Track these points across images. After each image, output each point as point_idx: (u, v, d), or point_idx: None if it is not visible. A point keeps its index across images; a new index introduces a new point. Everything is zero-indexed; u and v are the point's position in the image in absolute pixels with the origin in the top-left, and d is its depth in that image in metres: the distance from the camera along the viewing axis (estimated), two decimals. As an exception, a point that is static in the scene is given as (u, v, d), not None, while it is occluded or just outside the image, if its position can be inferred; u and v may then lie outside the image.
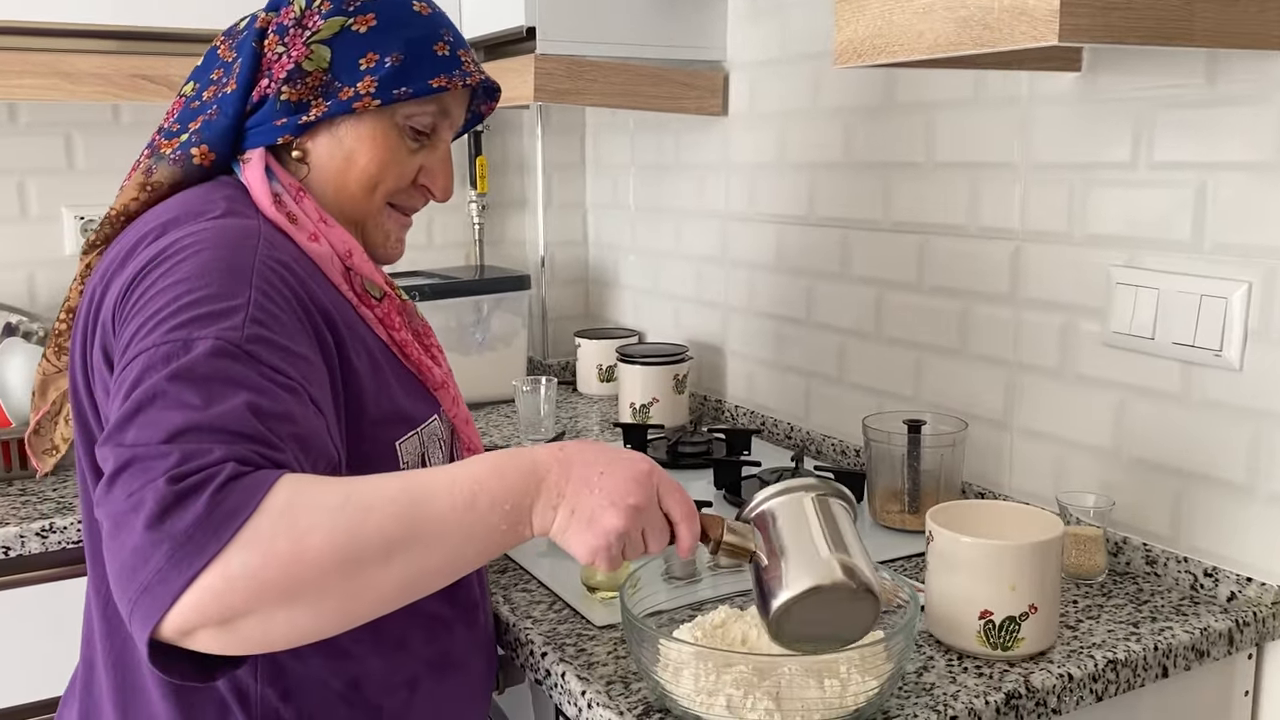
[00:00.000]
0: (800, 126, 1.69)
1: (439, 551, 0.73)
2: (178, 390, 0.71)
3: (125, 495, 0.67)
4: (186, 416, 0.70)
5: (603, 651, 1.04)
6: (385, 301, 0.96)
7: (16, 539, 1.38)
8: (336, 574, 0.69)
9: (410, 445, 0.94)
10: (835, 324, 1.65)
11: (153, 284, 0.80)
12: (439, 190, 1.03)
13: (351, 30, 0.93)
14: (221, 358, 0.74)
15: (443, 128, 1.01)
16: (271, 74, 0.93)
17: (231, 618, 0.66)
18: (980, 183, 1.39)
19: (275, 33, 0.94)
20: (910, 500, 1.33)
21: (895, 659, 0.89)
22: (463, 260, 2.28)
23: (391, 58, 0.94)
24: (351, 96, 0.93)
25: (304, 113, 0.93)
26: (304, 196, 0.94)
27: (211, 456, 0.68)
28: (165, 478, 0.67)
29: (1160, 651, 1.04)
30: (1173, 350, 1.17)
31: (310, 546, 0.67)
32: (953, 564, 1.01)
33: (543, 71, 1.67)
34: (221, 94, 0.94)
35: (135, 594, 0.66)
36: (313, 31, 0.93)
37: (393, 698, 0.94)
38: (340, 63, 0.93)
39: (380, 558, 0.70)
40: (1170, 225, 1.17)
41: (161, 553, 0.65)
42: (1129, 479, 1.24)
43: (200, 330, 0.75)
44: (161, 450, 0.68)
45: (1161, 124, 1.17)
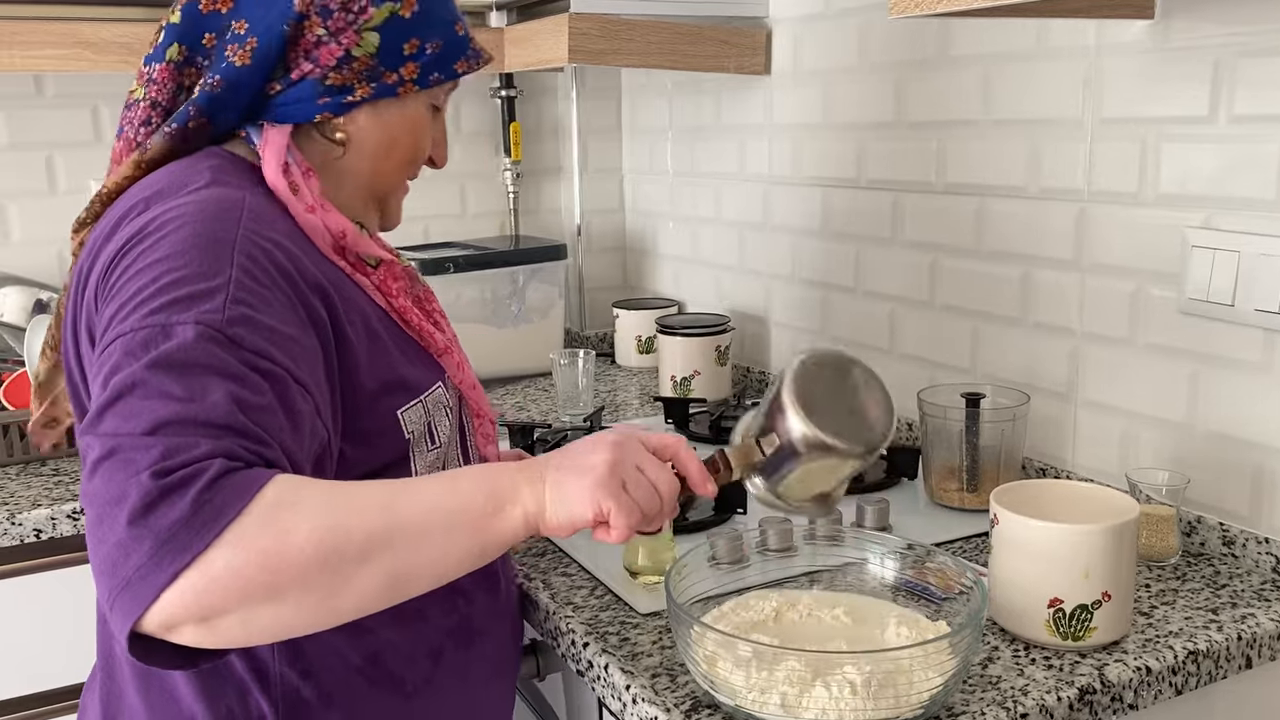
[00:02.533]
0: (847, 84, 1.61)
1: (424, 542, 0.72)
2: (159, 379, 0.70)
3: (108, 486, 0.66)
4: (170, 408, 0.69)
5: (647, 641, 0.99)
6: (382, 268, 0.95)
7: (48, 521, 1.36)
8: (316, 573, 0.68)
9: (414, 414, 0.92)
10: (885, 292, 1.58)
11: (133, 263, 0.79)
12: (441, 159, 1.05)
13: (399, 16, 0.93)
14: (202, 343, 0.72)
15: (445, 103, 1.04)
16: (317, 58, 0.91)
17: (213, 615, 0.66)
18: (1042, 141, 1.31)
19: (318, 14, 0.90)
20: (969, 478, 1.27)
21: (961, 654, 0.83)
22: (497, 230, 2.23)
23: (432, 45, 0.95)
24: (395, 82, 0.94)
25: (348, 93, 0.92)
26: (311, 176, 0.92)
27: (197, 451, 0.67)
28: (149, 472, 0.66)
29: (1244, 641, 0.97)
30: (1254, 318, 1.09)
31: (292, 545, 0.67)
32: (1020, 549, 0.95)
33: (577, 31, 1.60)
34: (228, 64, 0.90)
35: (117, 589, 0.65)
36: (364, 20, 0.92)
37: (415, 669, 0.93)
38: (386, 48, 0.93)
39: (360, 555, 0.69)
40: (1253, 183, 1.09)
41: (144, 549, 0.65)
42: (1204, 455, 1.16)
43: (180, 314, 0.73)
44: (144, 442, 0.67)
45: (1243, 73, 1.08)
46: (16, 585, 1.38)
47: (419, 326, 0.96)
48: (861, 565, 1.02)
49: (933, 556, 0.98)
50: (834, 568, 1.03)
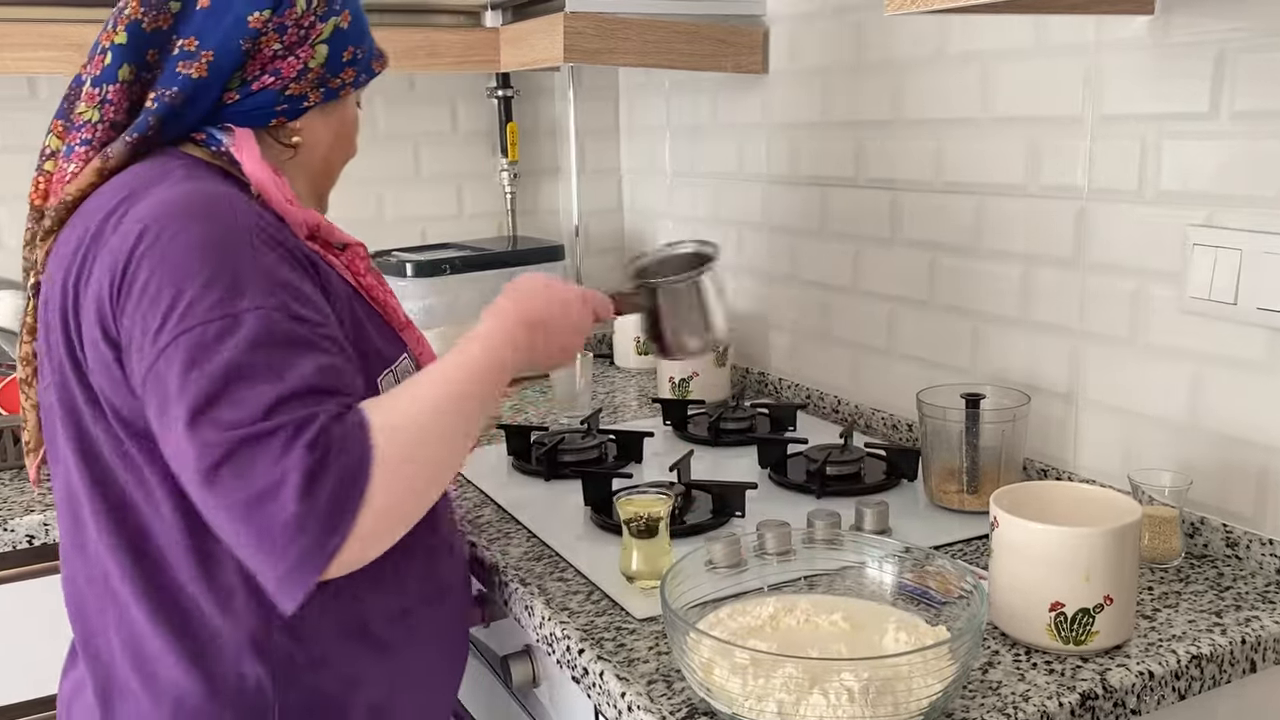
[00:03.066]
0: (845, 83, 1.59)
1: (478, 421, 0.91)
2: (253, 365, 0.78)
3: (254, 475, 0.75)
4: (275, 388, 0.78)
5: (644, 647, 0.98)
6: (348, 250, 1.02)
7: (41, 527, 1.34)
8: (440, 469, 0.86)
9: (388, 382, 0.97)
10: (884, 291, 1.57)
11: (158, 265, 0.82)
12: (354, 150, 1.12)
13: (340, 29, 1.01)
14: (272, 325, 0.81)
15: None
16: (278, 71, 0.96)
17: (368, 554, 0.80)
18: (1042, 138, 1.29)
19: (275, 31, 0.96)
20: (969, 480, 1.26)
21: (961, 659, 0.82)
22: (495, 231, 2.22)
23: (362, 50, 1.04)
24: (339, 85, 1.02)
25: (303, 100, 0.99)
26: (280, 174, 0.98)
27: (317, 423, 0.77)
28: (302, 447, 0.76)
29: (1248, 645, 0.96)
30: (1257, 316, 1.08)
31: (418, 476, 0.83)
32: (1021, 553, 0.94)
33: (572, 30, 1.59)
34: (183, 78, 0.93)
35: (290, 565, 0.76)
36: (316, 34, 0.99)
37: (393, 630, 0.98)
38: (333, 58, 1.01)
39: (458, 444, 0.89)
40: (1255, 180, 1.07)
41: (316, 518, 0.75)
42: (1207, 455, 1.15)
43: (237, 304, 0.80)
44: (268, 427, 0.76)
45: (1244, 69, 1.07)
46: (8, 592, 1.36)
47: (384, 301, 1.03)
48: (860, 569, 1.01)
49: (932, 560, 0.97)
50: (832, 571, 1.02)
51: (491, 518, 1.31)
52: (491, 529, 1.27)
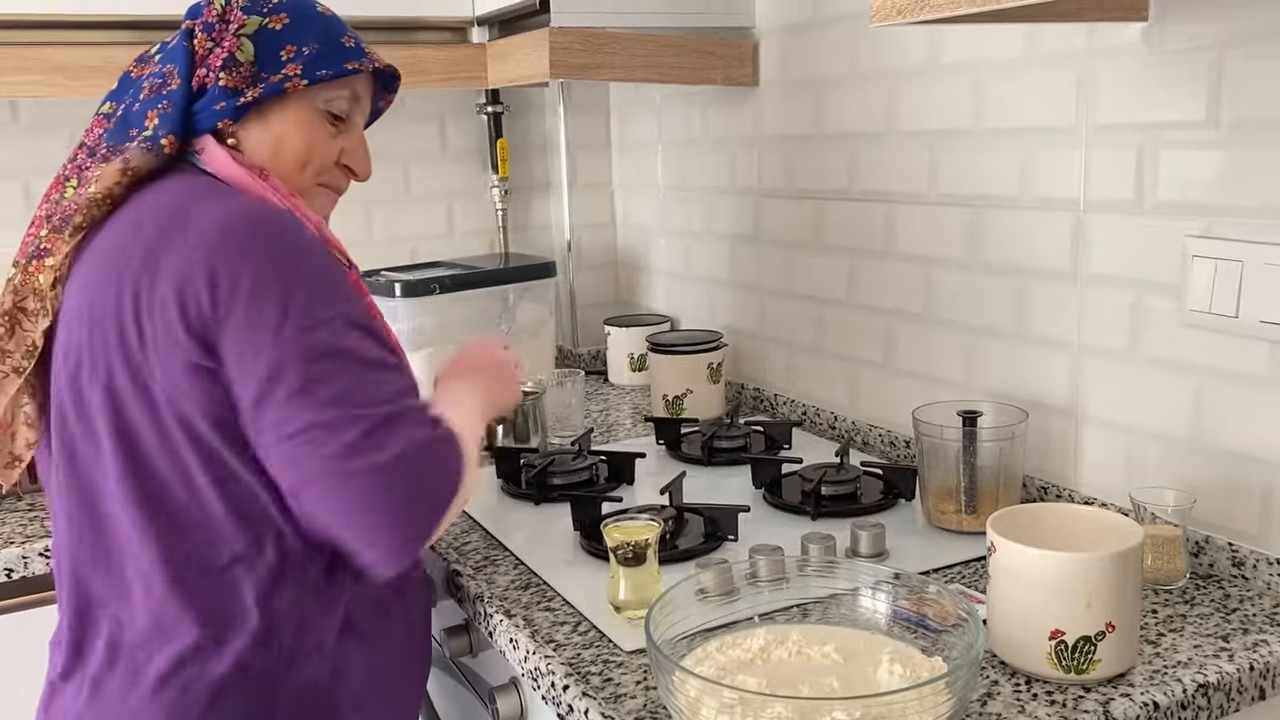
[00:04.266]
0: (837, 94, 1.57)
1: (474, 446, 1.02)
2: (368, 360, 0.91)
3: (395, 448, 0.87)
4: (400, 379, 0.93)
5: (631, 681, 0.95)
6: (352, 270, 1.04)
7: (19, 560, 1.32)
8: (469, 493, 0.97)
9: None
10: (880, 306, 1.54)
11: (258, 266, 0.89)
12: (360, 168, 1.12)
13: (269, 28, 1.03)
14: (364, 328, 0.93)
15: (355, 113, 1.10)
16: (209, 64, 1.01)
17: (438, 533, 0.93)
18: (1036, 149, 1.26)
19: (203, 31, 1.02)
20: (967, 499, 1.22)
21: (958, 694, 0.79)
22: (486, 248, 2.19)
23: (309, 47, 1.03)
24: (281, 79, 1.02)
25: (240, 96, 1.00)
26: (268, 174, 1.01)
27: (424, 410, 0.93)
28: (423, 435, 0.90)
29: (1257, 672, 0.93)
30: (1260, 329, 1.05)
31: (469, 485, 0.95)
32: (1018, 579, 0.90)
33: (558, 46, 1.56)
34: (168, 90, 1.00)
35: (415, 528, 0.90)
36: (238, 26, 1.02)
37: (374, 622, 1.02)
38: (264, 56, 1.02)
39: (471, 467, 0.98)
40: (1255, 189, 1.04)
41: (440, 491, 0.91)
42: (1210, 472, 1.12)
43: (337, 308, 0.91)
44: (395, 411, 0.89)
45: (1242, 76, 1.04)
46: (-11, 626, 1.34)
47: (383, 324, 1.04)
48: (854, 596, 0.98)
49: (927, 587, 0.94)
50: (825, 599, 0.99)
51: (479, 544, 1.28)
52: (478, 555, 1.24)
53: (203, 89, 1.00)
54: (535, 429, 1.59)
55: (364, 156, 1.12)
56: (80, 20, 1.61)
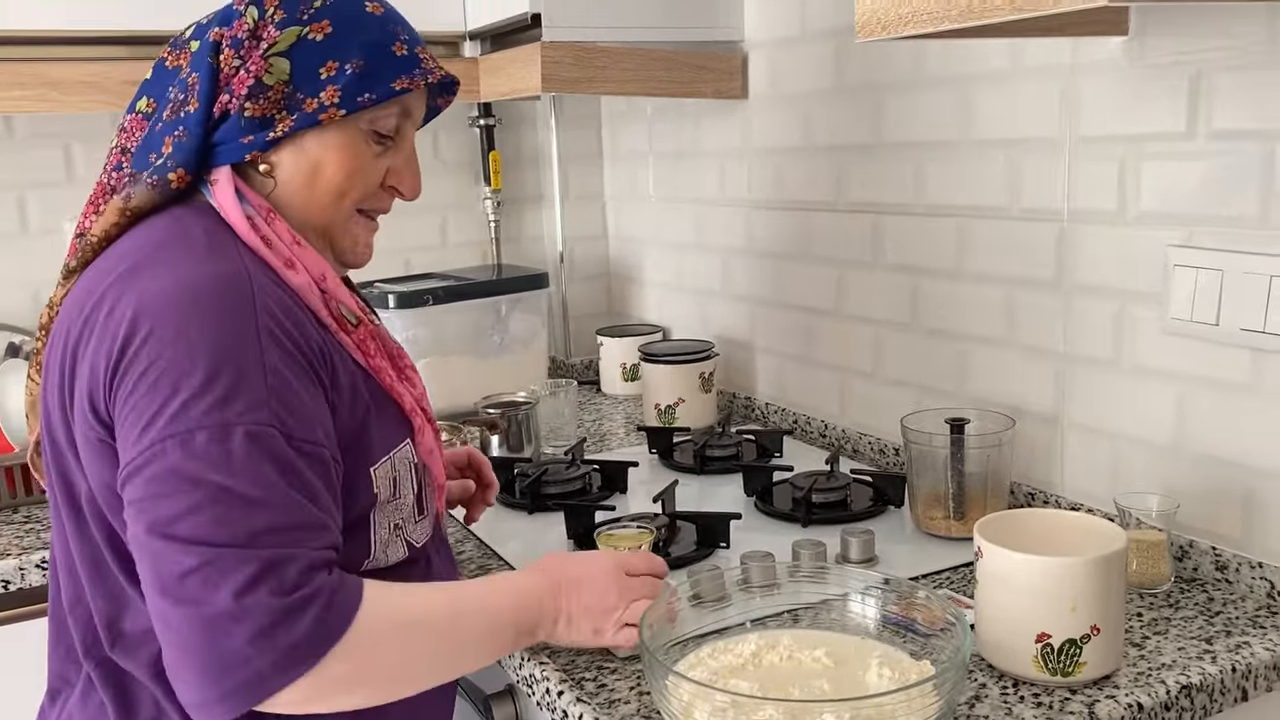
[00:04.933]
0: (825, 107, 1.59)
1: (468, 664, 0.91)
2: (237, 484, 0.76)
3: (227, 598, 0.73)
4: (258, 516, 0.76)
5: (625, 686, 0.96)
6: (360, 328, 0.95)
7: (16, 571, 1.33)
8: (400, 679, 0.83)
9: (383, 470, 0.93)
10: (869, 315, 1.56)
11: (159, 356, 0.79)
12: (407, 189, 1.01)
13: (308, 39, 0.91)
14: (263, 443, 0.78)
15: (406, 127, 0.99)
16: (232, 90, 0.90)
17: (310, 706, 0.79)
18: (1021, 160, 1.29)
19: (230, 47, 0.91)
20: (955, 506, 1.24)
21: (946, 696, 0.80)
22: (479, 260, 2.21)
23: (352, 65, 0.91)
24: (316, 108, 0.91)
25: (270, 128, 0.90)
26: (275, 218, 0.92)
27: (298, 564, 0.76)
28: (268, 589, 0.74)
29: (1239, 673, 0.95)
30: (1240, 337, 1.07)
31: (385, 662, 0.81)
32: (1005, 583, 0.92)
33: (550, 60, 1.58)
34: (185, 113, 0.91)
35: (228, 689, 0.74)
36: (269, 44, 0.90)
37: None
38: (300, 74, 0.91)
39: (429, 668, 0.87)
40: (1233, 200, 1.07)
41: (265, 662, 0.74)
42: (1193, 478, 1.13)
43: (231, 412, 0.78)
44: (245, 555, 0.75)
45: (1220, 88, 1.07)
46: (-15, 638, 1.34)
47: (389, 387, 0.96)
48: (844, 601, 0.99)
49: (916, 592, 0.95)
50: (816, 605, 1.00)
51: (473, 553, 1.29)
52: (472, 565, 1.25)
53: (225, 115, 0.90)
54: (528, 439, 1.60)
55: (413, 175, 1.00)
56: (74, 36, 1.62)
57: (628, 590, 0.96)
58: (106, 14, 1.60)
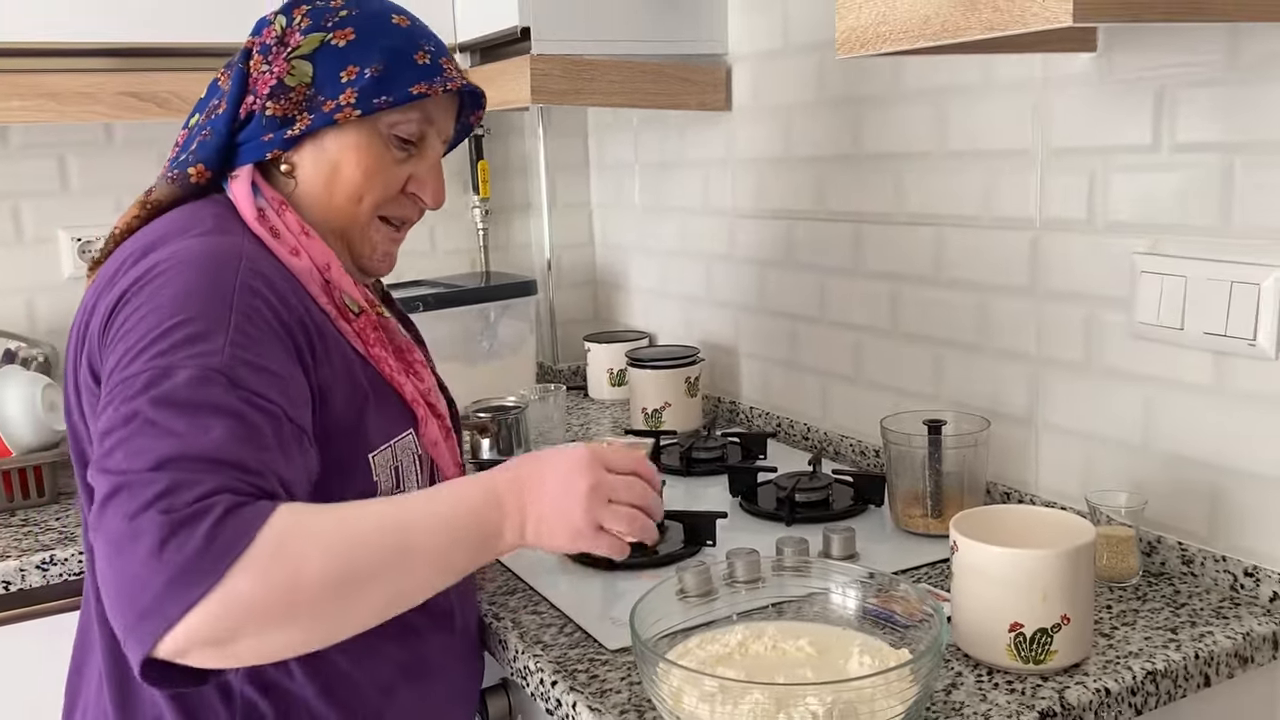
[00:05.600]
0: (807, 119, 1.64)
1: (420, 574, 0.80)
2: (161, 416, 0.74)
3: (119, 523, 0.70)
4: (172, 444, 0.73)
5: (616, 677, 1.00)
6: (362, 317, 0.97)
7: (17, 573, 1.35)
8: (329, 598, 0.74)
9: (382, 458, 0.95)
10: (850, 321, 1.60)
11: (136, 309, 0.82)
12: (429, 197, 1.03)
13: (331, 45, 0.95)
14: (203, 385, 0.76)
15: (430, 136, 1.02)
16: (256, 91, 0.96)
17: (227, 640, 0.71)
18: (995, 171, 1.33)
19: (259, 53, 0.97)
20: (933, 504, 1.28)
21: (922, 681, 0.84)
22: (468, 267, 2.24)
23: (371, 69, 0.95)
24: (333, 108, 0.95)
25: (289, 127, 0.95)
26: (286, 210, 0.95)
27: (201, 488, 0.71)
28: (159, 508, 0.70)
29: (1201, 660, 0.99)
30: (1203, 341, 1.12)
31: (305, 574, 0.72)
32: (979, 575, 0.96)
33: (539, 72, 1.62)
34: (215, 115, 0.97)
35: (133, 619, 0.69)
36: (293, 48, 0.95)
37: (365, 702, 0.96)
38: (322, 77, 0.95)
39: (368, 581, 0.76)
40: (1196, 209, 1.12)
41: (161, 580, 0.69)
42: (1161, 476, 1.18)
43: (180, 355, 0.77)
44: (150, 478, 0.71)
45: (1183, 103, 1.12)
46: (-15, 638, 1.37)
47: (390, 377, 0.99)
48: (826, 595, 1.03)
49: (896, 585, 0.99)
50: (800, 598, 1.04)
51: (467, 553, 1.32)
52: (467, 564, 1.29)
53: (249, 116, 0.95)
54: (518, 442, 1.64)
55: (436, 184, 1.02)
56: (71, 48, 1.65)
57: (603, 486, 0.85)
58: (103, 26, 1.63)
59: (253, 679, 0.91)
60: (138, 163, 1.90)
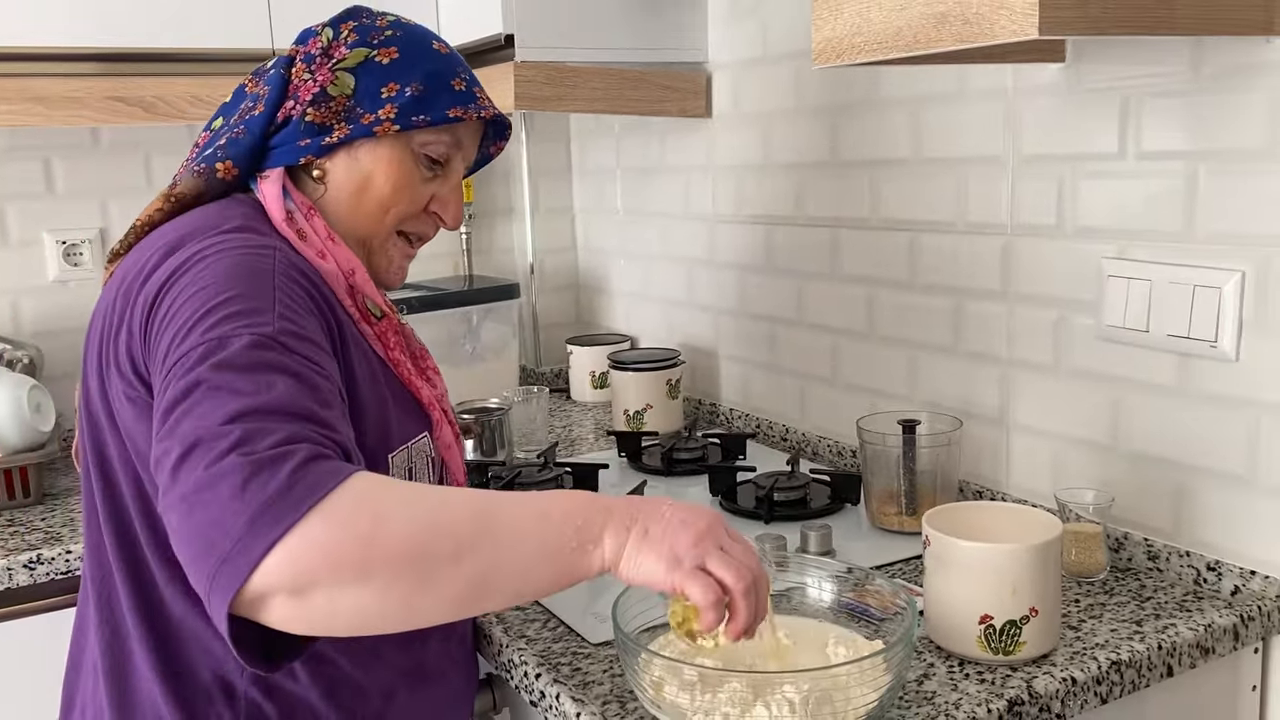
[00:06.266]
0: (785, 126, 1.67)
1: (510, 556, 0.73)
2: (225, 380, 0.73)
3: (199, 473, 0.68)
4: (241, 402, 0.72)
5: (599, 670, 1.02)
6: (384, 321, 1.00)
7: (4, 572, 1.36)
8: (410, 560, 0.70)
9: (400, 459, 0.97)
10: (828, 324, 1.64)
11: (180, 292, 0.83)
12: (449, 218, 1.06)
13: (375, 61, 0.99)
14: (260, 349, 0.77)
15: (455, 159, 1.05)
16: (298, 97, 0.98)
17: (305, 586, 0.68)
18: (968, 178, 1.37)
19: (303, 61, 1.00)
20: (907, 502, 1.32)
21: (894, 670, 0.87)
22: (451, 270, 2.26)
23: (412, 87, 0.99)
24: (373, 121, 0.98)
25: (327, 134, 0.98)
26: (314, 215, 0.98)
27: (279, 434, 0.70)
28: (239, 453, 0.68)
29: (1164, 650, 1.03)
30: (1167, 342, 1.15)
31: (388, 530, 0.69)
32: (950, 569, 1.00)
33: (522, 79, 1.65)
34: (250, 116, 0.99)
35: (215, 565, 0.67)
36: (338, 60, 0.99)
37: (367, 705, 0.97)
38: (363, 90, 0.98)
39: (452, 553, 0.71)
40: (1160, 215, 1.15)
41: (243, 520, 0.67)
42: (1128, 474, 1.22)
43: (232, 326, 0.78)
44: (224, 430, 0.70)
45: (1148, 113, 1.15)
46: (-29, 637, 1.38)
47: (408, 380, 1.01)
48: (804, 589, 1.06)
49: (870, 579, 1.02)
50: (779, 592, 1.07)
51: (451, 551, 1.35)
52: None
53: (286, 120, 0.98)
54: (502, 443, 1.66)
55: (457, 206, 1.06)
56: (60, 53, 1.66)
57: (720, 535, 0.80)
58: (90, 31, 1.64)
59: (257, 680, 0.91)
60: (123, 166, 1.92)
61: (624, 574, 0.78)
